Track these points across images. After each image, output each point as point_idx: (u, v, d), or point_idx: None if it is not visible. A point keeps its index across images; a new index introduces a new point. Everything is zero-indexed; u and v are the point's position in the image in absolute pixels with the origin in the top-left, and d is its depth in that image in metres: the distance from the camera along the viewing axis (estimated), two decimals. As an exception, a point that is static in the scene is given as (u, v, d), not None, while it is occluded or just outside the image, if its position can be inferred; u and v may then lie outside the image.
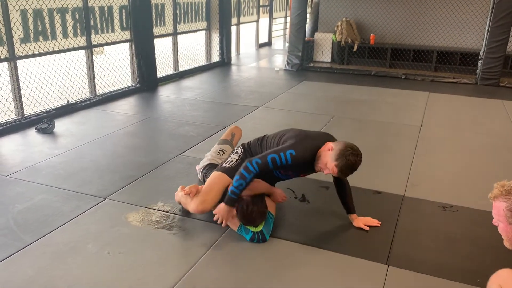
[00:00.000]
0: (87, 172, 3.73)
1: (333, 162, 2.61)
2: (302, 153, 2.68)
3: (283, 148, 2.70)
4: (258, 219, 2.74)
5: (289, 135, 2.84)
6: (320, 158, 2.70)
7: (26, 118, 4.92)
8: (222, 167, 2.98)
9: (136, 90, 6.63)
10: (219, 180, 2.89)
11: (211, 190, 2.85)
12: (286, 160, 2.65)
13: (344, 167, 2.59)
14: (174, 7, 7.64)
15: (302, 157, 2.69)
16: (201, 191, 2.88)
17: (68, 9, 5.43)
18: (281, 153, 2.65)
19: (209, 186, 2.89)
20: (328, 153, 2.65)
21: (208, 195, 2.83)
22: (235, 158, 3.00)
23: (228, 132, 3.70)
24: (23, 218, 2.97)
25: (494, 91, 7.29)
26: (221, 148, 3.48)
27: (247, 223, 2.76)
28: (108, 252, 2.62)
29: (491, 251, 2.72)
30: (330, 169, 2.64)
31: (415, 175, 3.87)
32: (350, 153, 2.59)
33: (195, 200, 2.83)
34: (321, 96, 6.75)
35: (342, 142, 2.68)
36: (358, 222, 2.96)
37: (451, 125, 5.37)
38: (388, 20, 9.11)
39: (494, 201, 1.81)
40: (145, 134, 4.86)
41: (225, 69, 8.78)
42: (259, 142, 3.06)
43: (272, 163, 2.66)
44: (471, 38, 8.57)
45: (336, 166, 2.60)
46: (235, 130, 3.73)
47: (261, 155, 2.72)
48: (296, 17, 8.48)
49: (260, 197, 2.83)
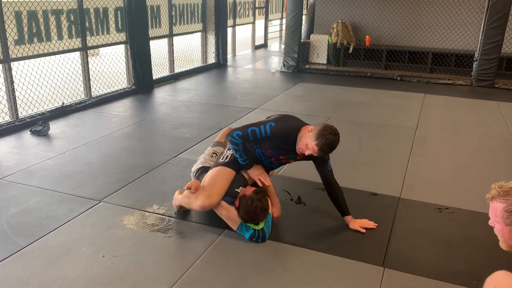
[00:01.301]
0: (82, 175, 3.71)
1: (313, 142, 2.69)
2: (282, 127, 2.78)
3: (263, 121, 2.84)
4: (261, 215, 2.74)
5: (272, 116, 2.96)
6: (301, 140, 2.77)
7: (20, 120, 4.89)
8: (219, 163, 2.98)
9: (132, 92, 6.61)
10: (220, 174, 2.89)
11: (215, 184, 2.83)
12: (265, 132, 2.75)
13: (324, 145, 2.67)
14: (170, 9, 7.63)
15: (281, 130, 2.77)
16: (205, 186, 2.83)
17: (63, 11, 5.41)
18: (261, 125, 2.77)
19: (212, 180, 2.86)
20: (308, 134, 2.74)
21: (213, 189, 2.81)
22: (230, 153, 3.02)
23: (221, 134, 3.66)
24: (17, 221, 2.95)
25: (489, 92, 7.32)
26: (214, 150, 3.45)
27: (250, 220, 2.75)
28: (103, 256, 2.60)
29: (487, 253, 2.72)
30: (310, 149, 2.71)
31: (411, 176, 3.88)
32: (329, 132, 2.68)
33: (200, 196, 2.78)
34: (317, 97, 6.75)
35: (320, 124, 2.78)
36: (354, 224, 2.96)
37: (447, 127, 5.38)
38: (384, 22, 9.14)
39: (491, 202, 1.80)
40: (140, 136, 4.84)
41: (221, 71, 8.78)
42: None
43: (252, 135, 2.77)
44: (466, 39, 8.61)
45: (316, 145, 2.68)
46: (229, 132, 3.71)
47: (242, 126, 2.82)
48: (292, 19, 8.49)
49: (263, 193, 2.85)
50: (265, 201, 2.79)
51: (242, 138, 2.78)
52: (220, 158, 3.06)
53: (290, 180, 3.69)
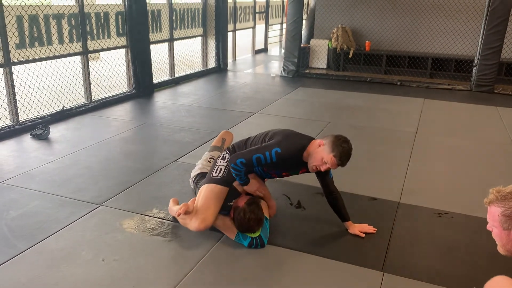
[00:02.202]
0: (82, 179, 3.72)
1: (330, 154, 2.64)
2: (288, 151, 2.71)
3: (268, 146, 2.72)
4: (255, 226, 2.73)
5: (274, 132, 2.86)
6: (312, 156, 2.72)
7: (21, 124, 4.90)
8: (212, 178, 2.88)
9: (132, 96, 6.62)
10: (214, 194, 2.80)
11: (209, 206, 2.76)
12: (271, 158, 2.68)
13: (343, 155, 2.64)
14: (171, 13, 7.66)
15: (288, 154, 2.71)
16: (199, 209, 2.75)
17: (64, 15, 5.44)
18: (266, 152, 2.68)
19: (205, 202, 2.78)
20: (320, 149, 2.69)
21: (207, 212, 2.74)
22: (223, 165, 2.92)
23: (218, 138, 3.62)
24: (17, 225, 2.95)
25: (489, 97, 7.33)
26: (211, 155, 3.41)
27: (245, 231, 2.75)
28: (102, 259, 2.60)
29: (486, 257, 2.72)
30: (329, 162, 2.65)
31: (410, 181, 3.88)
32: (343, 141, 2.67)
33: (194, 219, 2.74)
34: (317, 102, 6.77)
35: (329, 135, 2.73)
36: (354, 229, 2.96)
37: (446, 132, 5.39)
38: (384, 27, 9.17)
39: (489, 206, 1.81)
40: (140, 140, 4.85)
41: (221, 75, 8.80)
42: (244, 143, 3.00)
43: (256, 162, 2.71)
44: (466, 45, 8.63)
45: (334, 157, 2.63)
46: (226, 135, 3.66)
47: (246, 152, 2.74)
48: (292, 23, 8.52)
49: (256, 203, 2.80)
50: (259, 211, 2.76)
51: (245, 165, 2.71)
52: (213, 170, 2.92)
53: (290, 184, 3.69)
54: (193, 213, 2.76)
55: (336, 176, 3.04)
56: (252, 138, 3.02)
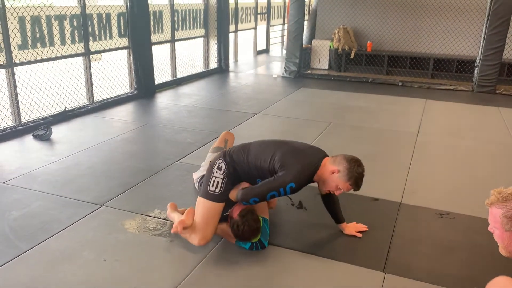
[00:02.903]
0: (84, 179, 3.72)
1: (347, 183, 2.59)
2: (301, 183, 2.64)
3: (282, 182, 2.58)
4: (251, 236, 2.70)
5: (284, 158, 2.66)
6: (327, 183, 2.66)
7: (23, 124, 4.91)
8: (209, 193, 2.75)
9: (134, 97, 6.63)
10: (211, 212, 2.73)
11: (208, 224, 2.71)
12: (285, 193, 2.62)
13: (358, 181, 2.61)
14: (172, 14, 7.67)
15: (302, 185, 2.66)
16: (198, 226, 2.70)
17: (66, 16, 5.45)
18: (280, 189, 2.59)
19: (204, 220, 2.71)
20: (335, 176, 2.61)
21: (207, 230, 2.70)
22: (220, 178, 2.76)
23: (220, 139, 3.57)
24: (19, 225, 2.96)
25: (491, 98, 7.32)
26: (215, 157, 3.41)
27: (242, 240, 2.73)
28: (104, 260, 2.61)
29: (488, 258, 2.71)
30: (344, 189, 2.64)
31: (412, 182, 3.88)
32: (357, 166, 2.59)
33: (194, 236, 2.70)
34: (319, 103, 6.76)
35: (341, 159, 2.62)
36: (349, 229, 2.95)
37: (448, 132, 5.39)
38: (385, 28, 9.16)
39: (490, 207, 1.81)
40: (142, 140, 4.86)
41: (223, 76, 8.80)
42: (244, 153, 2.82)
43: (270, 198, 2.67)
44: (468, 45, 8.62)
45: (351, 185, 2.60)
46: (228, 136, 3.64)
47: (259, 191, 2.63)
48: (294, 24, 8.52)
49: (251, 212, 2.72)
50: (253, 221, 2.68)
51: (259, 202, 2.70)
52: (209, 182, 2.77)
53: (291, 185, 3.69)
54: (192, 228, 2.71)
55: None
56: (253, 149, 2.83)
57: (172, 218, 2.97)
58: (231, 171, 2.79)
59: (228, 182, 2.77)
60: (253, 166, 2.76)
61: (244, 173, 2.80)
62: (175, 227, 2.66)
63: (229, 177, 2.78)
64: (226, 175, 2.77)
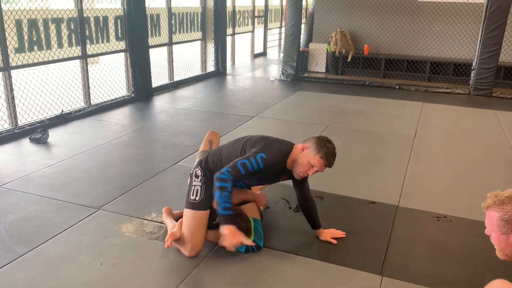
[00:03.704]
0: (80, 183, 3.71)
1: (317, 156, 2.59)
2: (273, 156, 2.62)
3: (252, 153, 2.61)
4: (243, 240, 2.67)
5: (254, 141, 2.74)
6: (298, 162, 2.65)
7: (19, 128, 4.90)
8: (190, 202, 2.74)
9: (131, 100, 6.63)
10: (195, 222, 2.70)
11: (194, 235, 2.68)
12: (258, 165, 2.56)
13: (329, 155, 2.60)
14: (169, 18, 7.67)
15: (273, 160, 2.62)
16: (186, 238, 2.68)
17: (63, 19, 5.45)
18: (251, 158, 2.56)
19: (190, 231, 2.69)
20: (305, 153, 2.63)
21: (194, 241, 2.68)
22: (198, 185, 2.75)
23: (205, 141, 3.43)
24: (15, 229, 2.95)
25: (487, 101, 7.35)
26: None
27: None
28: (101, 263, 2.60)
29: (485, 261, 2.72)
30: (316, 165, 2.60)
31: (409, 185, 3.88)
32: (325, 141, 2.63)
33: (184, 248, 2.69)
34: (316, 106, 6.77)
35: (310, 138, 2.68)
36: (325, 235, 2.91)
37: (445, 135, 5.40)
38: (382, 31, 9.19)
39: (487, 210, 1.81)
40: (139, 144, 4.85)
41: (220, 79, 8.81)
42: (217, 155, 2.82)
43: (243, 169, 2.55)
44: (464, 49, 8.66)
45: (321, 158, 2.58)
46: (212, 136, 3.48)
47: (230, 163, 2.59)
48: (291, 27, 8.54)
49: (238, 214, 2.70)
50: (242, 222, 2.67)
51: (232, 173, 2.53)
52: (190, 191, 2.76)
53: (288, 188, 3.67)
54: (181, 240, 2.70)
55: (335, 180, 3.05)
56: (225, 148, 2.85)
57: (167, 224, 2.95)
58: (208, 177, 2.75)
59: (207, 188, 2.71)
60: (225, 158, 2.75)
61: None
62: (166, 241, 2.64)
63: (207, 183, 2.73)
64: (204, 182, 2.75)
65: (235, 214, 2.64)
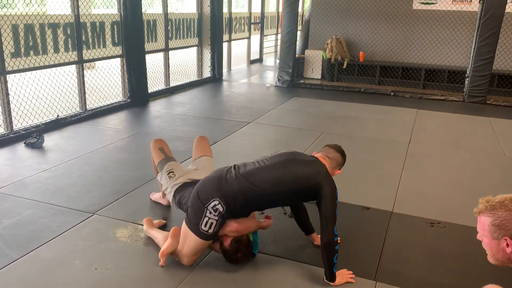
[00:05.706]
0: (75, 187, 3.71)
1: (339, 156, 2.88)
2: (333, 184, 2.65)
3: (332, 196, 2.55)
4: (244, 260, 2.68)
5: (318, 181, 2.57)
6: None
7: (15, 132, 4.89)
8: (201, 232, 2.55)
9: (127, 105, 6.63)
10: (199, 246, 2.61)
11: (195, 254, 2.63)
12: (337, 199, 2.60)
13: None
14: (166, 23, 7.70)
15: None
16: (185, 253, 2.62)
17: (60, 25, 5.46)
18: (336, 202, 2.56)
19: (191, 250, 2.61)
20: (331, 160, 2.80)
21: (193, 257, 2.64)
22: (214, 219, 2.53)
23: (156, 152, 3.25)
24: (10, 234, 2.94)
25: (481, 108, 7.41)
26: (167, 170, 3.07)
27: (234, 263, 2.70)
28: (95, 268, 2.60)
29: (478, 266, 2.73)
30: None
31: (403, 191, 3.91)
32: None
33: (179, 258, 2.66)
34: (311, 112, 6.80)
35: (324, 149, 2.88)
36: (319, 240, 2.90)
37: (439, 142, 5.43)
38: (377, 38, 9.26)
39: (479, 216, 1.83)
40: (135, 149, 4.85)
41: (216, 85, 8.83)
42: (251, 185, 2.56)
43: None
44: (458, 56, 8.73)
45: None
46: (159, 143, 3.35)
47: (330, 218, 2.49)
48: (287, 34, 8.59)
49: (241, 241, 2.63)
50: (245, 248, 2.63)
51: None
52: (202, 221, 2.55)
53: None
54: (178, 252, 2.64)
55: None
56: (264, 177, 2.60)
57: (151, 235, 2.87)
58: (231, 209, 2.56)
59: (222, 223, 2.58)
60: (269, 193, 2.59)
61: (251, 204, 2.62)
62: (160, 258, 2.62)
63: (224, 217, 2.57)
64: (221, 217, 2.55)
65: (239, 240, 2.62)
